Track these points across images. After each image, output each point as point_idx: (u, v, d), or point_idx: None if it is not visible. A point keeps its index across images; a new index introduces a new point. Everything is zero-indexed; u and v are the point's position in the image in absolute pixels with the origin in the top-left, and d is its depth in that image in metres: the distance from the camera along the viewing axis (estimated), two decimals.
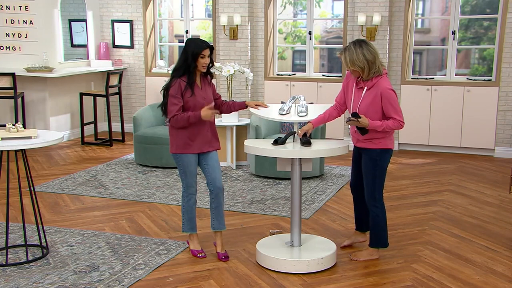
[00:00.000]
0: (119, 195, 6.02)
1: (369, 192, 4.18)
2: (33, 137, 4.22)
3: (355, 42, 4.04)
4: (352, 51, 3.98)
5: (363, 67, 3.98)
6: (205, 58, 4.17)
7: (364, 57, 3.96)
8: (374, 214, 4.21)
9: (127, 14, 9.57)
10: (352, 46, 4.02)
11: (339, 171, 7.03)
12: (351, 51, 3.99)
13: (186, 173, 4.30)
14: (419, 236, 4.82)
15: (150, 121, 7.54)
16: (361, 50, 3.97)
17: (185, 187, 4.34)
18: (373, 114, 4.04)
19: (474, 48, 8.55)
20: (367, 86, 4.05)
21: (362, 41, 4.05)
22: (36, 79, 8.46)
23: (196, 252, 4.40)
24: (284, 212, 5.44)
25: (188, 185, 4.33)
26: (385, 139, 4.11)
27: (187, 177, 4.31)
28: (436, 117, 8.08)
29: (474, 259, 4.36)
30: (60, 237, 4.77)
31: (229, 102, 4.52)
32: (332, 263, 4.21)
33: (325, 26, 9.50)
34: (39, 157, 7.75)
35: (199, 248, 4.43)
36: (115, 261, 4.26)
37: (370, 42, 4.11)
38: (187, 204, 4.37)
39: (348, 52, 4.01)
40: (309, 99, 8.26)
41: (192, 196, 4.37)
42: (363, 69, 4.00)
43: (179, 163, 4.30)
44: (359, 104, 4.09)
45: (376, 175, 4.14)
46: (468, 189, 6.33)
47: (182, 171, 4.31)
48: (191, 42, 4.20)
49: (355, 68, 4.01)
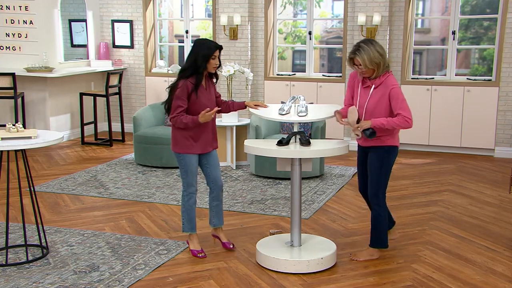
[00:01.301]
0: (119, 195, 6.02)
1: (373, 190, 4.17)
2: (33, 137, 4.22)
3: (364, 42, 4.00)
4: (367, 49, 3.94)
5: (379, 62, 3.96)
6: (215, 59, 4.20)
7: (379, 52, 3.96)
8: (376, 213, 4.20)
9: (127, 14, 9.57)
10: (364, 45, 3.97)
11: (339, 171, 7.03)
12: (366, 50, 3.94)
13: (187, 172, 4.30)
14: (419, 236, 4.83)
15: (150, 121, 7.54)
16: (373, 47, 3.96)
17: (186, 186, 4.35)
18: (380, 113, 4.03)
19: (474, 48, 8.55)
20: (375, 84, 4.04)
21: (369, 39, 4.05)
22: (36, 79, 8.46)
23: (196, 252, 4.40)
24: (284, 212, 5.44)
25: (188, 184, 4.33)
26: (392, 137, 4.11)
27: (188, 176, 4.31)
28: (436, 117, 8.08)
29: (474, 259, 4.36)
30: (60, 237, 4.77)
31: (228, 102, 4.52)
32: (332, 263, 4.21)
33: (325, 26, 9.50)
34: (39, 157, 7.75)
35: (199, 248, 4.43)
36: (115, 261, 4.26)
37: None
38: (187, 204, 4.37)
39: (363, 51, 3.94)
40: (309, 99, 8.26)
41: (192, 196, 4.37)
42: (378, 65, 3.97)
43: (181, 162, 4.30)
44: (366, 102, 4.07)
45: (381, 173, 4.14)
46: (468, 189, 6.33)
47: (184, 170, 4.32)
48: (201, 43, 4.20)
49: (372, 66, 3.96)
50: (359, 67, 4.02)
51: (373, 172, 4.16)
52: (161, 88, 9.42)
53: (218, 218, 4.49)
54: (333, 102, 7.84)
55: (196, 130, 4.25)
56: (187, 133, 4.25)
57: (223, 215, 4.56)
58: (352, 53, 4.01)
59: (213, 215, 4.48)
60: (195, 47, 4.20)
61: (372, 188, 4.17)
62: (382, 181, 4.15)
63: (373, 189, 4.17)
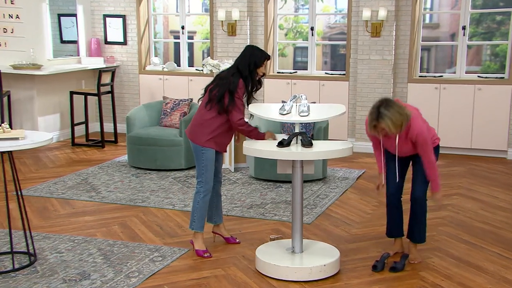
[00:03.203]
0: (111, 199, 6.02)
1: (423, 189, 4.34)
2: (20, 138, 4.22)
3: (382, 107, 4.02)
4: (389, 115, 3.98)
5: (401, 123, 4.04)
6: (263, 67, 4.40)
7: (399, 113, 4.01)
8: (424, 210, 4.38)
9: (120, 9, 9.58)
10: (384, 110, 3.99)
11: (343, 174, 7.04)
12: (387, 116, 3.98)
13: (207, 167, 4.42)
14: (427, 243, 4.82)
15: (144, 121, 7.55)
16: (393, 110, 4.00)
17: (204, 182, 4.45)
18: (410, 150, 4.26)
19: (486, 44, 8.56)
20: (398, 134, 4.16)
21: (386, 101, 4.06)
22: (23, 77, 8.47)
23: (202, 252, 4.50)
24: (285, 217, 5.45)
25: (207, 180, 4.45)
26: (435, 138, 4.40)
27: (207, 171, 4.43)
28: (445, 117, 8.09)
29: (486, 267, 4.37)
30: (48, 243, 4.77)
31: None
32: (336, 270, 4.22)
33: (328, 21, 9.52)
34: (26, 159, 7.76)
35: (205, 248, 4.54)
36: (107, 269, 4.27)
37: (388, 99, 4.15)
38: (203, 200, 4.48)
39: (386, 118, 3.98)
40: (311, 99, 8.26)
41: (209, 193, 4.50)
42: (401, 126, 4.05)
43: (204, 157, 4.41)
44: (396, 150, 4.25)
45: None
46: (479, 193, 6.34)
47: (203, 165, 4.42)
48: (256, 50, 4.40)
49: (397, 129, 4.04)
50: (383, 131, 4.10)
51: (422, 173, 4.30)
52: (155, 86, 9.44)
53: (218, 215, 4.74)
54: (336, 102, 7.87)
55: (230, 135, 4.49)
56: (226, 136, 4.45)
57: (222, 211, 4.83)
58: (374, 120, 4.05)
59: (215, 213, 4.70)
60: (248, 52, 4.38)
61: (423, 187, 4.35)
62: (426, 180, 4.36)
63: (423, 188, 4.35)
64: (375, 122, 4.05)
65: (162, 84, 9.41)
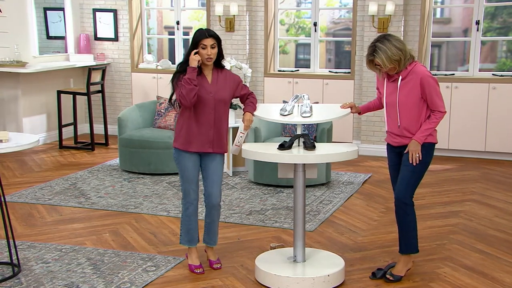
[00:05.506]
0: (102, 205, 6.03)
1: (403, 187, 4.19)
2: (4, 141, 4.23)
3: (379, 40, 4.08)
4: (384, 49, 4.02)
5: (399, 58, 4.05)
6: (207, 49, 4.19)
7: (397, 48, 4.03)
8: (405, 214, 4.23)
9: (111, 3, 9.60)
10: (380, 44, 4.05)
11: (348, 178, 7.05)
12: (382, 49, 4.02)
13: (183, 177, 4.35)
14: (438, 252, 4.84)
15: (137, 123, 7.56)
16: (390, 43, 4.04)
17: (183, 194, 4.39)
18: (412, 107, 4.13)
19: (501, 39, 8.58)
20: (402, 76, 4.13)
21: (384, 35, 4.13)
22: (6, 75, 8.48)
23: (193, 267, 4.43)
24: (286, 224, 5.46)
25: (185, 192, 4.36)
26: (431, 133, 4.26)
27: (184, 182, 4.35)
28: (457, 118, 8.10)
29: (501, 278, 4.37)
30: (34, 253, 4.78)
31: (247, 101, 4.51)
32: (340, 280, 4.23)
33: (332, 16, 9.54)
34: (10, 163, 7.76)
35: (198, 263, 4.45)
36: (97, 280, 4.27)
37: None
38: (184, 214, 4.41)
39: (380, 52, 4.02)
40: (314, 98, 8.27)
41: (190, 205, 4.38)
42: (399, 61, 4.06)
43: (176, 161, 4.35)
44: (397, 99, 4.14)
45: (416, 169, 4.17)
46: (494, 198, 6.34)
47: (180, 175, 4.37)
48: (195, 32, 4.29)
49: (393, 64, 4.05)
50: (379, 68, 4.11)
51: (405, 168, 4.20)
52: (149, 85, 9.45)
53: (209, 237, 4.52)
54: (341, 101, 7.84)
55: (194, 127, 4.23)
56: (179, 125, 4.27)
57: (217, 236, 4.55)
58: (370, 55, 4.10)
59: (205, 232, 4.53)
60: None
61: (402, 185, 4.21)
62: (414, 178, 4.21)
63: (402, 186, 4.21)
64: (371, 57, 4.09)
65: (156, 83, 9.43)
